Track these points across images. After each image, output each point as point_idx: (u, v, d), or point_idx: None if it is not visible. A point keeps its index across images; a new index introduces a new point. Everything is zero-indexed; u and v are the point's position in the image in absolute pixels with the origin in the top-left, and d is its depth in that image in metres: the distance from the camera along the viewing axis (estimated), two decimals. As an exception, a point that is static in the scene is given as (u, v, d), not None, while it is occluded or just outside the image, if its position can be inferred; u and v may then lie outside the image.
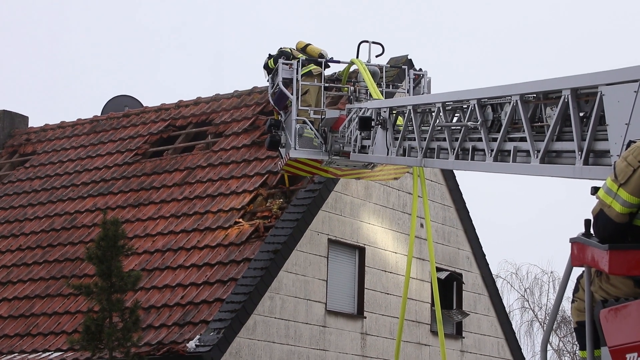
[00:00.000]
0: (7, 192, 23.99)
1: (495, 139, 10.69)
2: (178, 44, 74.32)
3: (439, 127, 12.27)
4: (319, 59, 16.91)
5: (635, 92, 7.84)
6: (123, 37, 73.80)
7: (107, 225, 16.57)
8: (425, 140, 12.63)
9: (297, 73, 16.47)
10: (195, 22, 76.11)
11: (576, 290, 7.30)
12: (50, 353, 18.33)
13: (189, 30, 75.31)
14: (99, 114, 25.78)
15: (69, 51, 72.42)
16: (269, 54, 17.83)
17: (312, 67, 16.89)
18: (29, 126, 26.84)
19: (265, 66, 17.80)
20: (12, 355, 18.72)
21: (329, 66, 17.05)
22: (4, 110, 26.64)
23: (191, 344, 16.82)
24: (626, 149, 6.80)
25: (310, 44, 17.61)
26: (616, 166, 6.57)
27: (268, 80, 17.70)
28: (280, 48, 17.66)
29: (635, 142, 6.73)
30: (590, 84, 8.76)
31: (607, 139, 8.42)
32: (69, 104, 67.06)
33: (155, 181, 21.67)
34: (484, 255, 22.91)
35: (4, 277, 20.95)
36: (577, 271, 7.24)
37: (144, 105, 25.58)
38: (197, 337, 16.94)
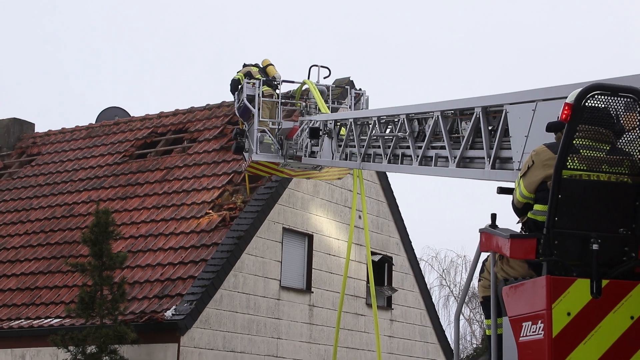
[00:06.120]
0: (17, 186, 23.70)
1: (420, 147, 10.73)
2: (163, 64, 73.89)
3: (375, 137, 12.31)
4: (273, 81, 16.93)
5: (533, 110, 7.92)
6: (118, 57, 73.25)
7: (99, 214, 16.48)
8: (363, 147, 12.66)
9: (258, 89, 16.47)
10: (179, 45, 75.70)
11: (482, 271, 7.37)
12: (50, 319, 18.14)
13: (171, 52, 74.90)
14: (94, 122, 25.55)
15: (70, 69, 71.78)
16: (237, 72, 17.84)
17: (265, 88, 16.86)
18: (35, 131, 26.50)
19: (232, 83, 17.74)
20: (19, 321, 18.53)
21: (278, 88, 17.01)
22: (14, 118, 26.30)
23: (168, 313, 16.74)
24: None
25: (271, 65, 17.58)
26: (523, 159, 6.62)
27: (235, 96, 17.65)
28: (245, 64, 17.63)
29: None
30: (497, 103, 8.85)
31: (510, 148, 8.50)
32: (69, 114, 66.40)
33: (140, 178, 21.51)
34: (410, 242, 23.02)
35: (13, 257, 20.70)
36: (484, 255, 7.32)
37: (131, 115, 25.37)
38: (174, 307, 16.86)
